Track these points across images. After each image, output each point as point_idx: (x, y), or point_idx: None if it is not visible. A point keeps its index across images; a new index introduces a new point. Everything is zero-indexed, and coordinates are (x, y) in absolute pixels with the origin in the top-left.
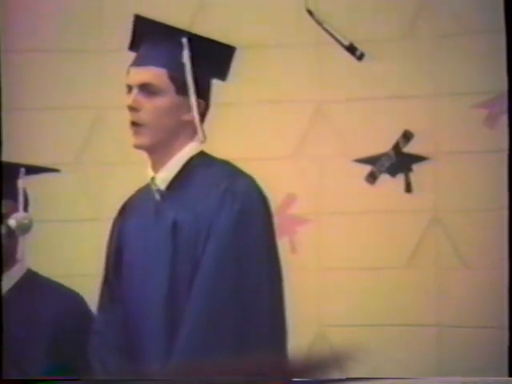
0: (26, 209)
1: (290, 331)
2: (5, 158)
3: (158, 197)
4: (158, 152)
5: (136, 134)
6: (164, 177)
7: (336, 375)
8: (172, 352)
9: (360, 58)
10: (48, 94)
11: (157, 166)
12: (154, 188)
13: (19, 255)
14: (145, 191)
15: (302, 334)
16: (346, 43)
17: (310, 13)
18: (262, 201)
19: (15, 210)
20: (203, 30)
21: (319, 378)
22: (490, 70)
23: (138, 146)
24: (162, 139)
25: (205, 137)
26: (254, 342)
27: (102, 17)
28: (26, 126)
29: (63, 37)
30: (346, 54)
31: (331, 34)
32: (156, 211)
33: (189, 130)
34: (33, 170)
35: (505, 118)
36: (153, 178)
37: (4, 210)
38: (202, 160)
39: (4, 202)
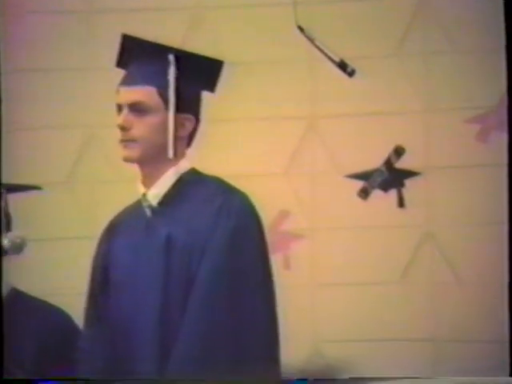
0: (8, 228)
1: (284, 347)
2: None
3: (148, 213)
4: (149, 167)
5: (126, 147)
6: (156, 193)
7: None
8: (164, 371)
9: (351, 74)
10: (38, 113)
11: (148, 181)
12: (145, 204)
13: None
14: (133, 208)
15: (297, 349)
16: (337, 60)
17: (301, 29)
18: (256, 217)
19: None
20: (194, 48)
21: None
22: (480, 85)
23: (127, 159)
24: (152, 154)
25: (173, 154)
26: (248, 361)
27: (90, 35)
28: (15, 145)
29: (50, 56)
30: (337, 71)
31: (322, 51)
32: (147, 227)
33: (180, 147)
34: (13, 188)
35: (497, 133)
36: (144, 194)
37: None
38: (193, 176)
39: None
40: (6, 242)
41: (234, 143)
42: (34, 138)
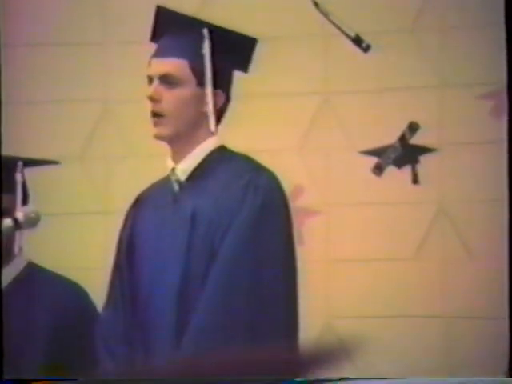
0: (25, 202)
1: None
2: (10, 153)
3: (176, 187)
4: (178, 143)
5: (156, 124)
6: (185, 168)
7: (344, 366)
8: (181, 341)
9: (366, 49)
10: (53, 88)
11: (177, 157)
12: (173, 178)
13: (16, 249)
14: (161, 183)
15: (310, 325)
16: (352, 35)
17: (316, 4)
18: (282, 195)
19: (15, 203)
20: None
21: (327, 369)
22: (495, 61)
23: (158, 137)
24: (182, 130)
25: (215, 128)
26: (266, 334)
27: (105, 9)
28: (31, 119)
29: (67, 30)
30: (353, 46)
31: (337, 26)
32: (174, 201)
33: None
34: (31, 162)
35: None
36: (173, 169)
37: (5, 204)
38: (222, 153)
39: (5, 196)
40: (20, 216)
41: (249, 119)
42: (48, 112)
